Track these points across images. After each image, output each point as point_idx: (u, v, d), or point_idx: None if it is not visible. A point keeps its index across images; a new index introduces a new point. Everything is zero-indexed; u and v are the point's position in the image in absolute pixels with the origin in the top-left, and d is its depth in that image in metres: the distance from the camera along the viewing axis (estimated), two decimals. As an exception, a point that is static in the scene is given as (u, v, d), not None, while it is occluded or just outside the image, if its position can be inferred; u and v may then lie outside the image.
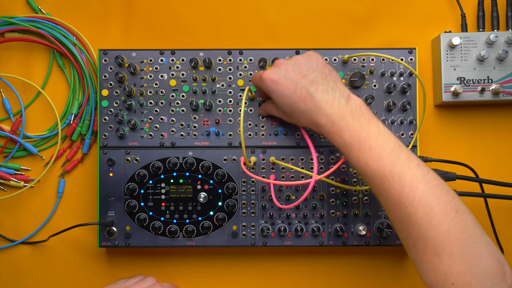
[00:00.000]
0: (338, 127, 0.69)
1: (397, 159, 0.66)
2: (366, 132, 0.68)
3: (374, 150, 0.67)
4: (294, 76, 0.73)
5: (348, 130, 0.69)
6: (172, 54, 0.85)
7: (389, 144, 0.67)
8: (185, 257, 0.90)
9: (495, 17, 0.87)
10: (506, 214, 0.89)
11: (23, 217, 0.89)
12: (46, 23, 0.88)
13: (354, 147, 0.68)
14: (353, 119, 0.69)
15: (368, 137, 0.68)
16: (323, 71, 0.74)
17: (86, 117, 0.89)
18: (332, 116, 0.70)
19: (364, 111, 0.70)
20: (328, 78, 0.74)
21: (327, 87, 0.72)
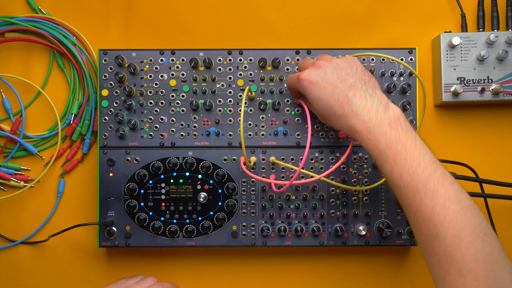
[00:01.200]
0: (374, 136, 0.67)
1: (432, 175, 0.64)
2: (402, 144, 0.66)
3: (409, 163, 0.65)
4: (333, 80, 0.72)
5: (384, 139, 0.67)
6: (172, 54, 0.85)
7: (424, 158, 0.66)
8: (185, 257, 0.89)
9: (495, 17, 0.87)
10: (506, 214, 0.89)
11: (23, 217, 0.89)
12: (46, 23, 0.88)
13: (389, 158, 0.66)
14: (390, 129, 0.67)
15: (404, 149, 0.66)
16: (363, 77, 0.73)
17: (86, 117, 0.89)
18: (369, 123, 0.68)
19: (402, 121, 0.68)
20: (367, 84, 0.72)
21: (366, 93, 0.70)
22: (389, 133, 0.67)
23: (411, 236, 0.85)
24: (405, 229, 0.85)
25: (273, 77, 0.85)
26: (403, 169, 0.65)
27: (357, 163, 0.85)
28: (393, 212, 0.85)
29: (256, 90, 0.85)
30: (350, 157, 0.85)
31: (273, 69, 0.85)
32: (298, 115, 0.85)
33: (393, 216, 0.85)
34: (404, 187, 0.65)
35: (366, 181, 0.85)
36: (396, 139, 0.66)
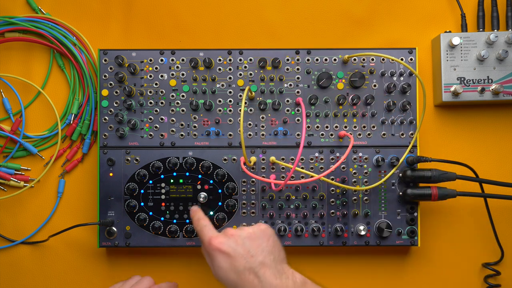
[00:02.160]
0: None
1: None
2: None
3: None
4: (244, 253, 0.70)
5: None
6: (172, 54, 0.85)
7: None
8: (185, 257, 0.89)
9: (495, 17, 0.87)
10: (506, 214, 0.89)
11: (23, 217, 0.89)
12: (46, 23, 0.88)
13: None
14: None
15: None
16: (273, 250, 0.72)
17: (86, 117, 0.89)
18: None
19: (309, 285, 0.71)
20: (277, 259, 0.72)
21: (275, 270, 0.70)
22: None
23: (411, 236, 0.85)
24: (405, 229, 0.85)
25: (273, 77, 0.85)
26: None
27: (357, 163, 0.85)
28: (393, 212, 0.85)
29: (256, 90, 0.85)
30: (350, 157, 0.85)
31: (273, 69, 0.85)
32: (298, 115, 0.85)
33: (393, 216, 0.85)
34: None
35: (366, 181, 0.85)
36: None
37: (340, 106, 0.85)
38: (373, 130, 0.85)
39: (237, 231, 0.73)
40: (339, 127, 0.85)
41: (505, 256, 0.88)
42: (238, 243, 0.71)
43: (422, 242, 0.88)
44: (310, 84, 0.85)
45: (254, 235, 0.72)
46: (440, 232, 0.89)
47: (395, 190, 0.85)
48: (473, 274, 0.90)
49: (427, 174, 0.82)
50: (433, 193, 0.82)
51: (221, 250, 0.70)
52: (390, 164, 0.85)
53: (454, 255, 0.90)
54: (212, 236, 0.72)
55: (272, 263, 0.70)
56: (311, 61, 0.85)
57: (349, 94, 0.85)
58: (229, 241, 0.71)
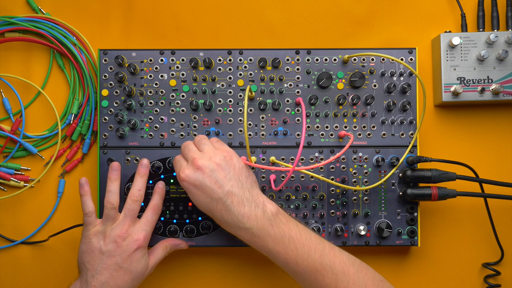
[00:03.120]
0: (259, 237, 0.73)
1: (323, 252, 0.72)
2: (288, 237, 0.72)
3: (300, 250, 0.71)
4: (211, 183, 0.73)
5: (270, 238, 0.72)
6: (172, 54, 0.85)
7: (312, 240, 0.72)
8: (185, 257, 0.89)
9: (495, 17, 0.87)
10: (506, 214, 0.89)
11: (23, 217, 0.89)
12: (46, 23, 0.88)
13: (279, 252, 0.72)
14: (273, 228, 0.72)
15: (292, 240, 0.72)
16: (240, 177, 0.75)
17: (86, 117, 0.89)
18: (251, 230, 0.72)
19: (281, 217, 0.73)
20: (244, 185, 0.74)
21: (243, 197, 0.73)
22: (273, 232, 0.72)
23: (411, 236, 0.85)
24: (405, 229, 0.85)
25: (273, 77, 0.85)
26: (297, 257, 0.71)
27: (357, 163, 0.85)
28: (393, 212, 0.85)
29: (256, 90, 0.85)
30: (350, 157, 0.85)
31: (273, 69, 0.85)
32: (298, 115, 0.85)
33: (393, 216, 0.85)
34: (304, 272, 0.71)
35: (366, 181, 0.85)
36: (281, 235, 0.72)
37: (340, 106, 0.85)
38: (373, 130, 0.85)
39: (204, 162, 0.74)
40: (339, 127, 0.85)
41: (505, 256, 0.88)
42: (205, 175, 0.73)
43: (422, 242, 0.88)
44: (310, 84, 0.85)
45: (220, 165, 0.74)
46: (440, 232, 0.89)
47: (395, 190, 0.85)
48: (473, 274, 0.90)
49: (427, 174, 0.82)
50: (433, 193, 0.82)
51: (189, 182, 0.74)
52: (390, 164, 0.85)
53: (454, 255, 0.90)
54: (180, 168, 0.76)
55: (239, 191, 0.73)
56: (311, 61, 0.85)
57: (349, 94, 0.85)
58: (196, 174, 0.74)
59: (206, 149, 0.77)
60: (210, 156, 0.75)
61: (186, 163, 0.76)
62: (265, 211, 0.73)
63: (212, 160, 0.75)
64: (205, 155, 0.76)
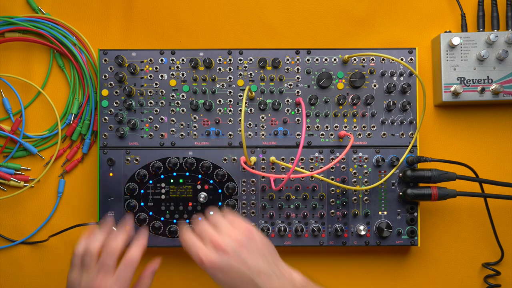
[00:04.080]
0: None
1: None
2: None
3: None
4: (238, 264, 0.69)
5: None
6: (172, 54, 0.85)
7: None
8: (185, 257, 0.89)
9: (495, 17, 0.87)
10: (506, 214, 0.89)
11: (23, 217, 0.89)
12: (46, 23, 0.88)
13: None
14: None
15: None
16: (264, 253, 0.71)
17: (86, 117, 0.89)
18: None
19: (308, 284, 0.71)
20: (270, 261, 0.71)
21: (271, 273, 0.70)
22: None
23: (411, 236, 0.85)
24: (405, 229, 0.85)
25: (273, 77, 0.85)
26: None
27: (357, 163, 0.85)
28: (393, 212, 0.85)
29: (256, 90, 0.85)
30: (350, 157, 0.85)
31: (273, 69, 0.85)
32: (298, 115, 0.85)
33: (393, 216, 0.85)
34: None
35: (366, 181, 0.85)
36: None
37: (340, 106, 0.85)
38: (373, 130, 0.85)
39: (225, 243, 0.70)
40: (339, 127, 0.85)
41: (505, 256, 0.88)
42: (230, 256, 0.69)
43: (422, 242, 0.88)
44: (310, 84, 0.85)
45: (242, 243, 0.71)
46: (440, 232, 0.89)
47: (395, 190, 0.85)
48: (473, 274, 0.90)
49: (427, 174, 0.82)
50: (433, 193, 0.82)
51: (214, 267, 0.69)
52: (390, 164, 0.85)
53: (454, 255, 0.90)
54: (200, 252, 0.71)
55: (266, 266, 0.70)
56: (311, 61, 0.85)
57: (349, 94, 0.85)
58: (221, 257, 0.69)
59: (223, 227, 0.73)
60: (230, 234, 0.71)
61: (203, 245, 0.71)
62: (292, 281, 0.71)
63: (232, 239, 0.70)
64: (223, 233, 0.72)
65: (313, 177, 0.85)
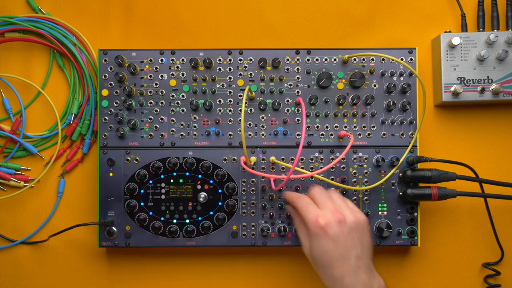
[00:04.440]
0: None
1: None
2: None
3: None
4: (347, 243, 0.72)
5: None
6: (172, 54, 0.85)
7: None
8: (185, 257, 0.89)
9: (495, 17, 0.87)
10: (506, 214, 0.89)
11: (23, 217, 0.89)
12: (46, 23, 0.88)
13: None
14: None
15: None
16: (369, 246, 0.75)
17: (86, 117, 0.89)
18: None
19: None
20: (369, 255, 0.75)
21: (368, 267, 0.73)
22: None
23: (411, 236, 0.85)
24: (405, 229, 0.85)
25: (273, 77, 0.85)
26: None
27: (357, 163, 0.85)
28: (393, 212, 0.85)
29: (256, 90, 0.85)
30: (350, 157, 0.85)
31: (273, 69, 0.85)
32: (298, 115, 0.85)
33: (393, 216, 0.85)
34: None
35: (366, 181, 0.85)
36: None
37: (340, 106, 0.85)
38: (373, 130, 0.85)
39: (344, 216, 0.73)
40: (339, 127, 0.85)
41: (505, 256, 0.88)
42: (343, 231, 0.72)
43: (422, 242, 0.88)
44: (310, 84, 0.85)
45: (357, 226, 0.74)
46: (440, 232, 0.89)
47: (395, 190, 0.85)
48: (473, 274, 0.90)
49: (427, 174, 0.82)
50: (433, 193, 0.82)
51: (327, 232, 0.72)
52: (390, 164, 0.85)
53: (454, 255, 0.90)
54: (319, 214, 0.74)
55: (366, 258, 0.74)
56: (311, 61, 0.85)
57: (349, 94, 0.85)
58: (336, 227, 0.72)
59: (342, 205, 0.76)
60: (349, 213, 0.74)
61: (323, 211, 0.74)
62: (380, 284, 0.73)
63: (351, 218, 0.74)
64: (344, 210, 0.75)
65: (313, 177, 0.85)
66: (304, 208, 0.76)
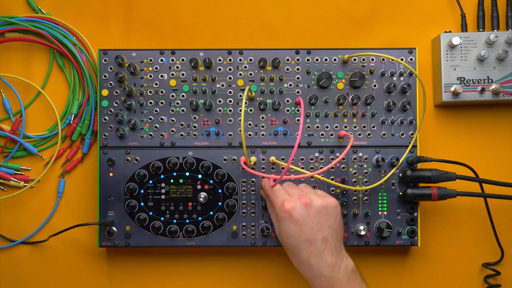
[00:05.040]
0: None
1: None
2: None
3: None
4: (312, 224, 0.74)
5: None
6: (172, 54, 0.85)
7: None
8: (185, 257, 0.89)
9: (495, 17, 0.87)
10: (506, 214, 0.89)
11: (23, 217, 0.89)
12: (46, 23, 0.88)
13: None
14: (349, 284, 0.74)
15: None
16: (337, 228, 0.77)
17: (86, 117, 0.89)
18: (331, 279, 0.73)
19: (357, 275, 0.75)
20: (337, 237, 0.76)
21: (334, 248, 0.75)
22: (347, 286, 0.74)
23: (411, 236, 0.85)
24: (405, 229, 0.85)
25: (273, 77, 0.85)
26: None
27: (357, 163, 0.85)
28: (393, 212, 0.85)
29: (256, 90, 0.85)
30: (350, 157, 0.85)
31: (273, 69, 0.85)
32: (298, 115, 0.85)
33: (393, 216, 0.85)
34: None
35: (366, 181, 0.85)
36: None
37: (340, 106, 0.85)
38: (373, 130, 0.85)
39: (311, 202, 0.75)
40: (339, 127, 0.85)
41: (505, 256, 0.88)
42: (309, 214, 0.75)
43: (422, 242, 0.88)
44: (310, 84, 0.85)
45: (325, 209, 0.76)
46: (440, 232, 0.89)
47: (395, 190, 0.85)
48: (473, 274, 0.90)
49: (427, 174, 0.82)
50: (433, 193, 0.82)
51: (292, 215, 0.75)
52: (390, 164, 0.85)
53: (454, 255, 0.90)
54: (286, 199, 0.77)
55: (333, 240, 0.75)
56: (311, 61, 0.85)
57: (349, 94, 0.85)
58: (301, 209, 0.75)
59: (310, 192, 0.79)
60: (317, 198, 0.77)
61: (289, 197, 0.77)
62: (347, 265, 0.74)
63: (318, 201, 0.76)
64: (312, 195, 0.77)
65: (313, 177, 0.85)
66: (273, 194, 0.79)
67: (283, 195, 0.78)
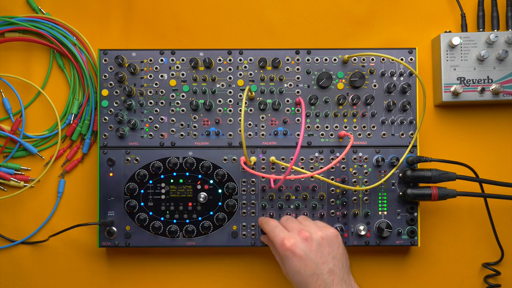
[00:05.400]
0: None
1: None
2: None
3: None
4: (316, 258, 0.73)
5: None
6: (172, 54, 0.85)
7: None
8: (185, 257, 0.89)
9: (495, 17, 0.87)
10: (506, 214, 0.89)
11: (23, 217, 0.89)
12: (46, 23, 0.88)
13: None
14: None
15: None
16: (342, 259, 0.76)
17: (86, 117, 0.89)
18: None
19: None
20: (344, 267, 0.75)
21: (342, 279, 0.74)
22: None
23: (411, 236, 0.85)
24: (405, 229, 0.85)
25: (273, 77, 0.85)
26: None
27: (357, 163, 0.85)
28: (393, 212, 0.85)
29: (256, 90, 0.85)
30: (350, 157, 0.85)
31: (273, 69, 0.85)
32: (298, 115, 0.85)
33: (393, 216, 0.85)
34: None
35: (366, 181, 0.85)
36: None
37: (340, 106, 0.85)
38: (373, 130, 0.85)
39: (310, 234, 0.75)
40: (339, 127, 0.85)
41: (505, 256, 0.88)
42: (311, 248, 0.73)
43: (422, 242, 0.88)
44: (310, 84, 0.85)
45: (326, 241, 0.75)
46: (440, 232, 0.89)
47: (395, 190, 0.85)
48: (473, 274, 0.90)
49: (427, 174, 0.82)
50: (433, 193, 0.82)
51: (294, 252, 0.73)
52: (390, 164, 0.85)
53: (454, 255, 0.90)
54: (285, 236, 0.75)
55: (340, 271, 0.74)
56: (311, 61, 0.85)
57: (349, 94, 0.85)
58: (302, 245, 0.74)
59: (309, 224, 0.78)
60: (316, 230, 0.76)
61: (289, 233, 0.76)
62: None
63: (318, 234, 0.75)
64: (311, 228, 0.76)
65: (313, 177, 0.85)
66: (271, 233, 0.78)
67: (282, 233, 0.76)
